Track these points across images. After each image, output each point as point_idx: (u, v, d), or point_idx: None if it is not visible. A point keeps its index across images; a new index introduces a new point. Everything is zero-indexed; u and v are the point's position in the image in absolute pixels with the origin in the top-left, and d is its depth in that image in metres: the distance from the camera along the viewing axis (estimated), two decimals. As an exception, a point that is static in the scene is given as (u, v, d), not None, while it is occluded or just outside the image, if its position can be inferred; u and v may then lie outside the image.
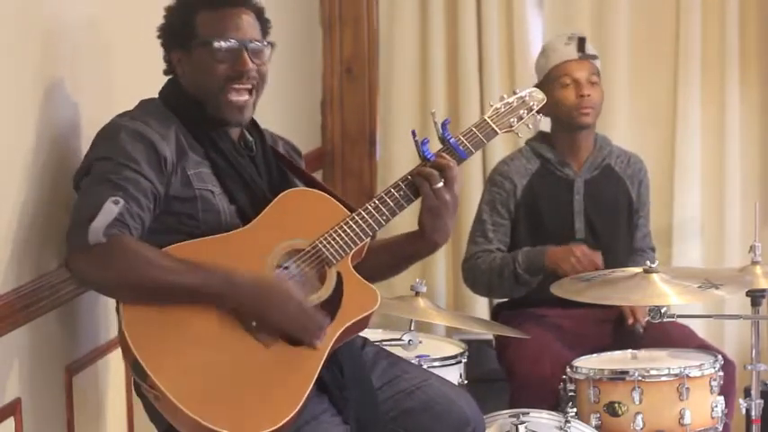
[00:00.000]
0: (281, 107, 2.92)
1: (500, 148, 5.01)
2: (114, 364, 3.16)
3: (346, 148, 5.25)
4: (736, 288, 3.60)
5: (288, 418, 2.69)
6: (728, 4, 5.01)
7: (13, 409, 2.67)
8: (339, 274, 2.86)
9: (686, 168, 5.07)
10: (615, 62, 5.04)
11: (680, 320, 3.80)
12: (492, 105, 3.12)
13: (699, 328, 4.43)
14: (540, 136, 4.28)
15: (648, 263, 3.62)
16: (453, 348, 3.80)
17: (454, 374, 3.66)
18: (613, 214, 4.28)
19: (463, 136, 3.03)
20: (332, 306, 2.84)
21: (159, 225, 2.81)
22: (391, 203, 2.94)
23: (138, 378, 2.70)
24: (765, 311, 3.79)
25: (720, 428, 3.72)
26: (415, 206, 3.01)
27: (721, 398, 3.71)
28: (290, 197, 2.92)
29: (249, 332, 2.74)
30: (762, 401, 3.71)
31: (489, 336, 4.42)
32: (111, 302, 3.10)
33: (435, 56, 5.14)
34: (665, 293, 3.54)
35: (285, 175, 3.05)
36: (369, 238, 2.94)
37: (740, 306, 4.23)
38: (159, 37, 2.97)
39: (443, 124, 3.00)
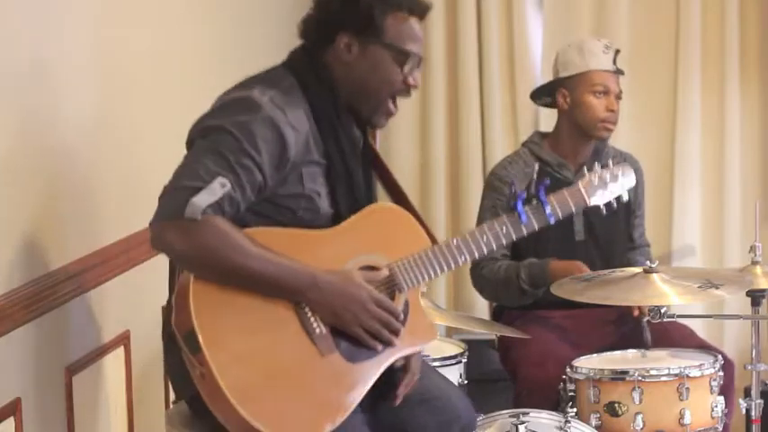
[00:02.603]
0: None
1: (501, 147, 5.01)
2: (114, 364, 3.16)
3: (346, 148, 5.24)
4: (736, 288, 3.59)
5: None
6: (728, 4, 5.01)
7: (13, 409, 2.67)
8: (407, 302, 2.86)
9: (686, 168, 5.07)
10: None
11: (680, 320, 3.80)
12: (585, 175, 3.17)
13: (699, 328, 4.43)
14: (537, 137, 4.26)
15: (648, 263, 3.61)
16: (453, 348, 3.80)
17: (454, 374, 3.67)
18: (611, 215, 4.25)
19: (555, 199, 3.05)
20: None
21: (257, 207, 2.77)
22: (472, 245, 2.94)
23: (188, 350, 2.62)
24: (765, 311, 3.80)
25: (720, 428, 3.72)
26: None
27: (721, 398, 3.70)
28: (379, 211, 2.90)
29: (310, 337, 2.72)
30: (762, 401, 3.72)
31: (490, 336, 4.42)
32: (112, 302, 3.11)
33: (435, 56, 5.14)
34: (665, 293, 3.53)
35: (373, 179, 3.02)
36: (443, 274, 2.94)
37: (740, 306, 4.23)
38: (321, 8, 2.88)
39: (544, 185, 3.02)
